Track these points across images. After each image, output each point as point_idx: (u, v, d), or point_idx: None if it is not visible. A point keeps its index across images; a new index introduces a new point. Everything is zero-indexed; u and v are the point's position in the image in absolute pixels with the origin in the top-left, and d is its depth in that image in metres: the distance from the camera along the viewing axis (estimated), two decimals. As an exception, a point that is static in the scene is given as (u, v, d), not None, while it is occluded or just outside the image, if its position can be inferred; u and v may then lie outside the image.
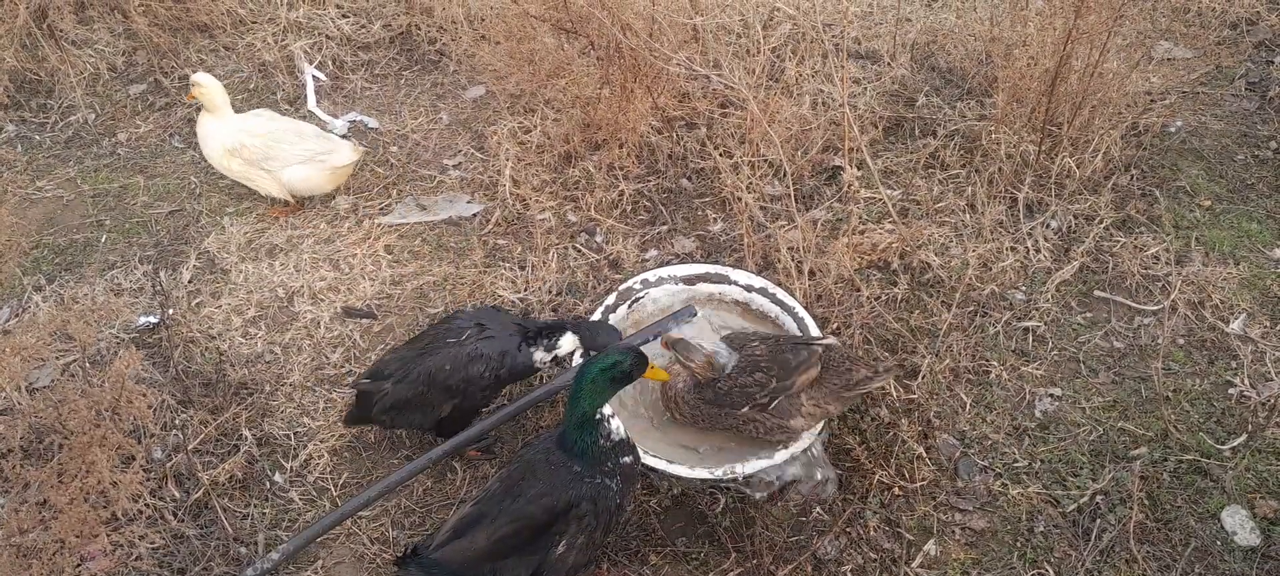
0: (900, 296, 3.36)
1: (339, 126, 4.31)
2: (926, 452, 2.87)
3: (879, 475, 2.83)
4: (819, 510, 2.77)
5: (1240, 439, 2.91)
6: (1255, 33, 4.53)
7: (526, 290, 3.49)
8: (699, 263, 3.37)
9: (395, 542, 2.78)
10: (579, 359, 2.79)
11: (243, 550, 2.76)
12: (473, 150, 4.16)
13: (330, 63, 4.68)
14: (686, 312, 3.08)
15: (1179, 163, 3.87)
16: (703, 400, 2.68)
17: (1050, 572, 2.64)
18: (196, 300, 3.54)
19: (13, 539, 2.54)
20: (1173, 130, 4.01)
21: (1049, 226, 3.59)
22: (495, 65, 4.03)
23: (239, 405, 3.14)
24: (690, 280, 3.14)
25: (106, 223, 3.94)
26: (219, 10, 4.84)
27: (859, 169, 3.67)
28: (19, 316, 3.52)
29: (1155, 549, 2.67)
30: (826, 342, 2.72)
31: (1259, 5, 4.63)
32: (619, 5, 3.53)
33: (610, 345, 2.75)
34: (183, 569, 2.72)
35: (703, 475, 2.58)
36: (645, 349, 2.55)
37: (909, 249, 3.47)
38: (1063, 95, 3.64)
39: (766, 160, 3.80)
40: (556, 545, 2.30)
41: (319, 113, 4.37)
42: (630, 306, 3.09)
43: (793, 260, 3.26)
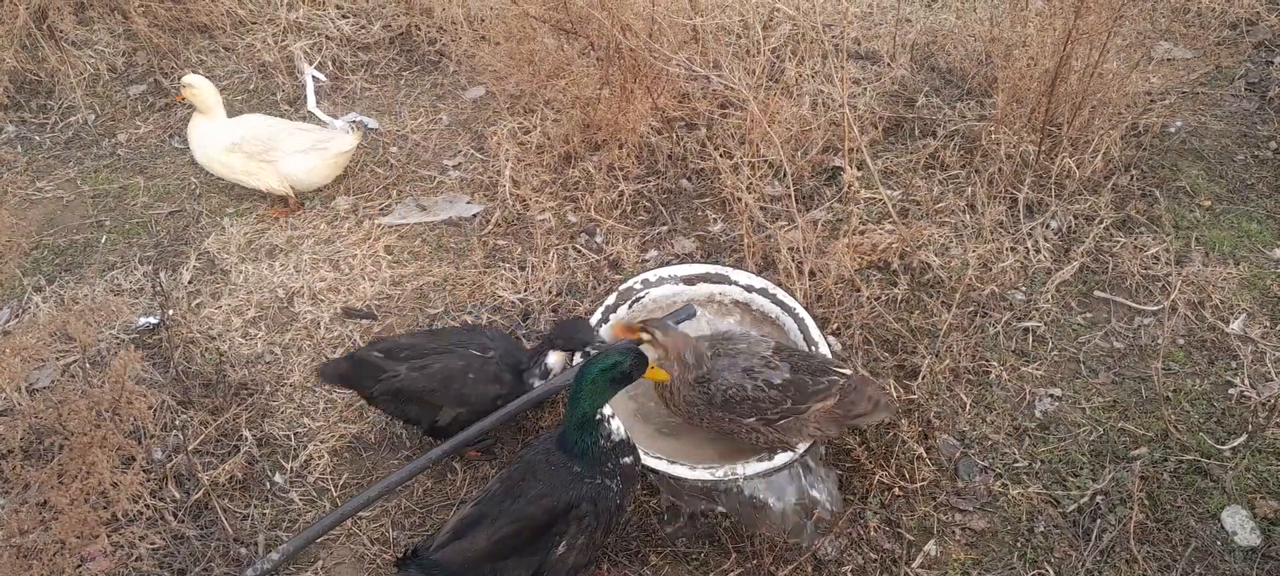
0: (900, 297, 3.36)
1: (339, 127, 4.30)
2: (926, 453, 2.87)
3: (879, 475, 2.82)
4: (819, 510, 2.77)
5: (1240, 439, 2.91)
6: (1255, 33, 4.53)
7: (526, 291, 3.49)
8: (699, 263, 3.37)
9: (395, 543, 2.78)
10: (557, 365, 2.82)
11: (243, 550, 2.76)
12: (472, 151, 4.16)
13: (330, 63, 4.68)
14: (685, 312, 3.08)
15: (1179, 163, 3.87)
16: (707, 401, 2.66)
17: (1050, 573, 2.64)
18: (196, 301, 3.54)
19: (13, 540, 2.54)
20: (1173, 130, 4.01)
21: (1049, 226, 3.59)
22: (495, 66, 4.03)
23: (239, 406, 3.14)
24: (690, 280, 3.14)
25: (106, 223, 3.94)
26: (219, 11, 4.84)
27: (859, 169, 3.67)
28: (19, 317, 3.52)
29: (1155, 549, 2.67)
30: (846, 374, 2.66)
31: (1259, 5, 4.63)
32: (619, 6, 3.53)
33: (580, 339, 2.78)
34: (183, 569, 2.72)
35: (703, 476, 2.58)
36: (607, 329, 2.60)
37: (909, 249, 3.47)
38: (1063, 95, 3.64)
39: (766, 160, 3.80)
40: (557, 545, 2.31)
41: (319, 113, 4.37)
42: (630, 306, 3.09)
43: (793, 260, 3.25)
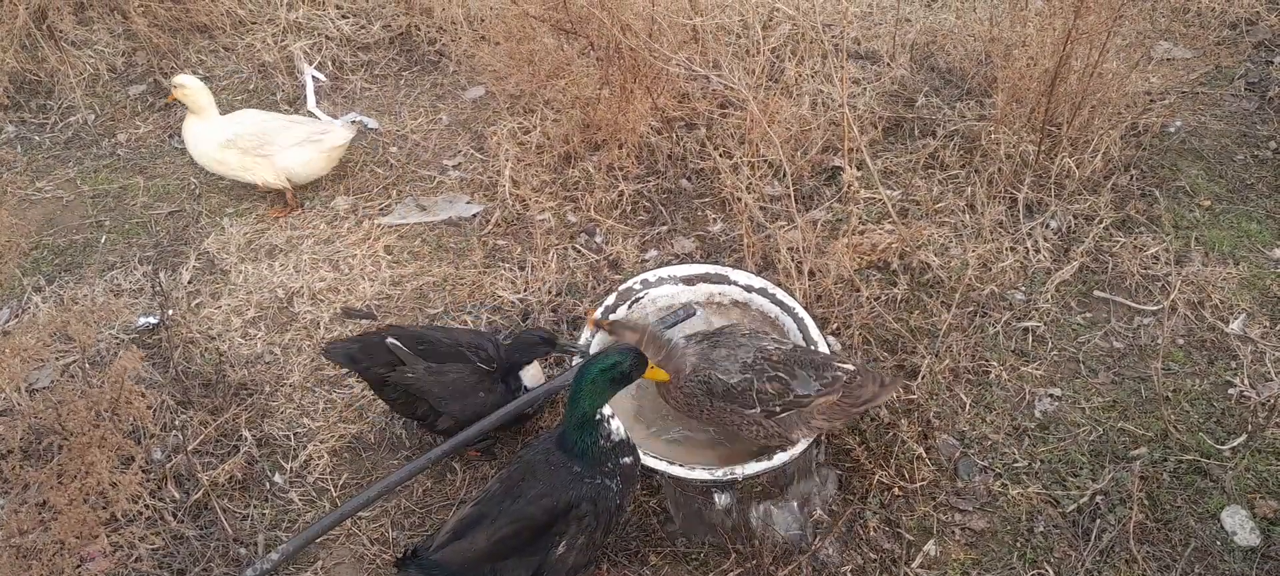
0: (900, 297, 3.36)
1: (338, 126, 4.30)
2: (926, 453, 2.87)
3: (879, 475, 2.82)
4: (819, 511, 2.78)
5: (1240, 439, 2.91)
6: (1255, 33, 4.53)
7: (526, 291, 3.49)
8: (699, 263, 3.37)
9: (395, 543, 2.78)
10: (530, 379, 2.86)
11: (242, 551, 2.76)
12: (472, 151, 4.16)
13: (330, 63, 4.68)
14: (685, 311, 3.07)
15: (1179, 163, 3.87)
16: (709, 393, 2.66)
17: (1050, 573, 2.64)
18: (196, 301, 3.54)
19: (12, 540, 2.54)
20: (1172, 130, 4.01)
21: (1049, 226, 3.59)
22: (495, 66, 4.03)
23: (239, 406, 3.14)
24: (690, 280, 3.14)
25: (106, 223, 3.94)
26: (218, 11, 4.84)
27: (859, 169, 3.67)
28: (19, 317, 3.52)
29: (1155, 549, 2.67)
30: (850, 369, 2.65)
31: (1259, 5, 4.63)
32: (619, 5, 3.53)
33: (540, 338, 2.83)
34: (182, 569, 2.72)
35: (703, 476, 2.58)
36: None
37: (909, 249, 3.47)
38: (1062, 95, 3.64)
39: (766, 160, 3.80)
40: (556, 546, 2.30)
41: (318, 113, 4.37)
42: (630, 306, 3.09)
43: (792, 260, 3.25)
